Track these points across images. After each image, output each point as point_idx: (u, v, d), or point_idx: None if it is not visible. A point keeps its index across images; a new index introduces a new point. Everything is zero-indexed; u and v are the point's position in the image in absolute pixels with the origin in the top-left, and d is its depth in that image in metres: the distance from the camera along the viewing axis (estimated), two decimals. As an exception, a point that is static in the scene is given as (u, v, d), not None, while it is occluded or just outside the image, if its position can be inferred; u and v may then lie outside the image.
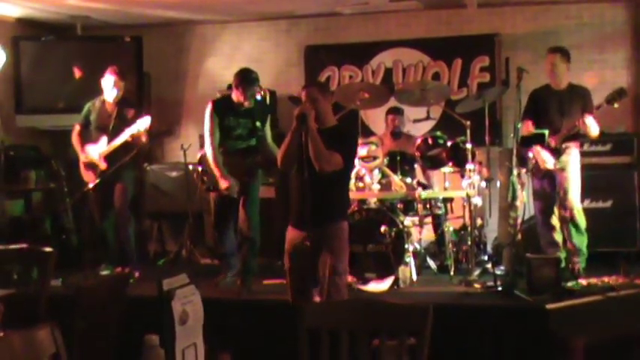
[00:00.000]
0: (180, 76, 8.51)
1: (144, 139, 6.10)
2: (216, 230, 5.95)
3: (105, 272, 6.21)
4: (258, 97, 7.55)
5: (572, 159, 5.93)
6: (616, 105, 5.61)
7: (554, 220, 6.03)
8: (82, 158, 6.21)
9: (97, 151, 6.12)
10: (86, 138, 6.26)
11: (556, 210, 6.02)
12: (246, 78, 5.60)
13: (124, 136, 6.00)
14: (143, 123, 5.96)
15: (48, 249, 3.95)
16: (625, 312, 5.27)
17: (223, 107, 5.66)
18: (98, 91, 6.30)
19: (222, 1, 7.48)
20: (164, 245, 8.08)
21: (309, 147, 4.12)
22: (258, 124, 5.68)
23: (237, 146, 5.70)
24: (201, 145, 6.11)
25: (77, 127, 6.31)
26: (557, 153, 5.86)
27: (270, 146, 5.76)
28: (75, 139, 6.28)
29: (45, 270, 3.90)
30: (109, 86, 6.15)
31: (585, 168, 6.15)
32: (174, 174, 7.67)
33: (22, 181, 7.41)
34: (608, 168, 6.79)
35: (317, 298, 4.31)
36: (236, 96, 5.63)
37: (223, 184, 5.57)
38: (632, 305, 5.36)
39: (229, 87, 5.84)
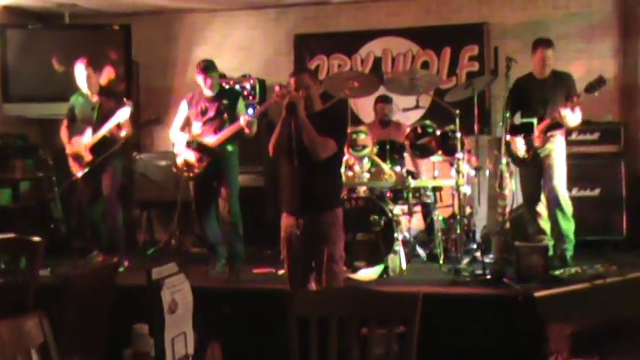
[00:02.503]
0: (170, 64, 8.47)
1: (123, 132, 6.08)
2: (198, 219, 5.98)
3: (97, 259, 6.22)
4: (247, 85, 7.61)
5: (557, 146, 5.95)
6: (596, 94, 5.62)
7: (541, 208, 6.05)
8: (68, 150, 6.24)
9: (82, 143, 6.12)
10: (74, 131, 6.25)
11: (542, 198, 6.04)
12: (203, 66, 5.82)
13: (107, 128, 6.00)
14: (123, 115, 5.95)
15: (36, 238, 3.92)
16: (612, 299, 5.31)
17: (193, 98, 5.92)
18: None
19: (212, -11, 7.46)
20: (153, 234, 8.06)
21: (303, 136, 4.12)
22: (225, 102, 5.81)
23: (208, 124, 5.79)
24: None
25: (65, 122, 6.35)
26: (542, 141, 5.87)
27: None
28: (63, 132, 6.33)
29: (33, 259, 3.87)
30: (80, 73, 6.13)
31: (573, 157, 6.18)
32: (163, 163, 7.63)
33: (9, 170, 7.37)
34: (595, 157, 6.84)
35: (313, 286, 4.31)
36: (201, 86, 5.83)
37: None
38: (619, 293, 5.40)
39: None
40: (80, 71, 6.14)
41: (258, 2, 8.02)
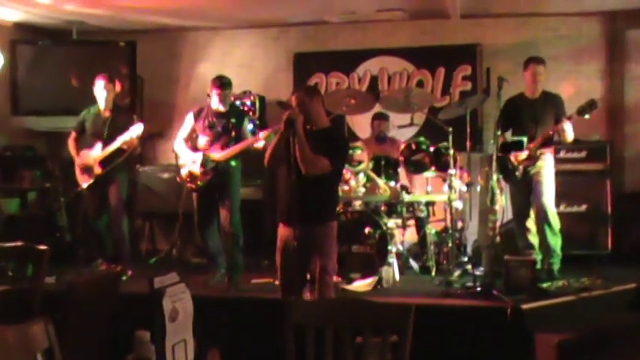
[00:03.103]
0: (173, 80, 8.49)
1: (135, 145, 6.12)
2: (200, 229, 5.96)
3: (101, 267, 6.23)
4: (247, 101, 7.64)
5: (547, 164, 5.97)
6: (587, 116, 5.64)
7: (530, 223, 6.07)
8: (78, 162, 6.26)
9: (92, 156, 6.15)
10: (81, 143, 6.29)
11: (532, 213, 6.06)
12: (220, 82, 5.77)
13: (118, 143, 6.03)
14: (136, 130, 5.98)
15: (42, 247, 3.94)
16: (597, 311, 5.32)
17: (201, 111, 5.88)
18: (92, 95, 6.32)
19: (214, 9, 7.48)
20: (155, 244, 8.06)
21: (296, 151, 4.13)
22: (233, 120, 5.79)
23: (215, 141, 5.77)
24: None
25: (73, 134, 6.39)
26: (533, 159, 5.89)
27: None
28: (70, 144, 6.35)
29: (39, 267, 3.89)
30: (100, 89, 6.20)
31: (561, 174, 6.20)
32: (165, 175, 7.64)
33: (17, 181, 7.38)
34: (582, 174, 6.87)
35: (307, 296, 4.31)
36: (213, 100, 5.79)
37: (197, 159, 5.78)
38: (603, 305, 5.41)
39: (208, 95, 5.91)
40: (100, 87, 6.19)
41: (259, 21, 8.05)
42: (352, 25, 7.99)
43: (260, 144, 5.57)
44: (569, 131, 5.76)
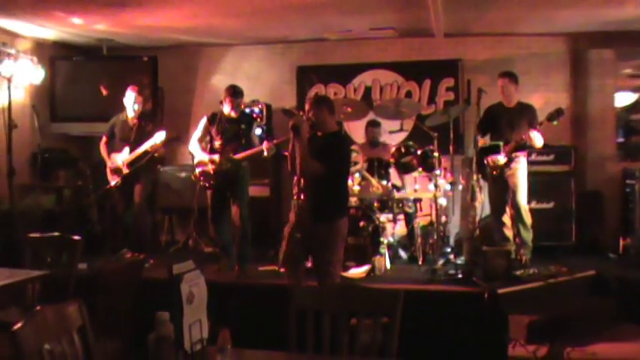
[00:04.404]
0: (190, 90, 8.49)
1: (160, 150, 6.15)
2: (213, 223, 5.96)
3: (126, 256, 6.25)
4: (256, 109, 7.64)
5: (521, 166, 5.99)
6: (555, 122, 5.66)
7: (506, 218, 6.07)
8: (109, 164, 6.29)
9: (121, 159, 6.17)
10: (111, 147, 6.32)
11: (507, 209, 6.07)
12: (233, 91, 5.75)
13: (144, 147, 6.04)
14: (159, 137, 5.99)
15: (76, 237, 3.95)
16: (562, 295, 5.34)
17: (215, 117, 5.86)
18: (121, 104, 6.33)
19: (227, 27, 7.48)
20: (174, 236, 8.07)
21: (296, 153, 4.14)
22: (243, 126, 5.78)
23: (227, 144, 5.76)
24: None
25: (104, 138, 6.41)
26: (508, 161, 5.90)
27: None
28: (102, 148, 6.39)
29: (73, 255, 3.90)
30: (131, 102, 6.21)
31: (532, 174, 6.21)
32: (183, 174, 7.65)
33: (54, 179, 7.41)
34: (550, 175, 6.88)
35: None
36: (225, 107, 5.77)
37: (215, 159, 5.75)
38: (568, 290, 5.44)
39: (221, 102, 5.90)
40: (131, 97, 6.21)
41: (266, 38, 8.05)
42: (348, 42, 7.98)
43: (266, 153, 5.57)
44: (535, 139, 5.77)
